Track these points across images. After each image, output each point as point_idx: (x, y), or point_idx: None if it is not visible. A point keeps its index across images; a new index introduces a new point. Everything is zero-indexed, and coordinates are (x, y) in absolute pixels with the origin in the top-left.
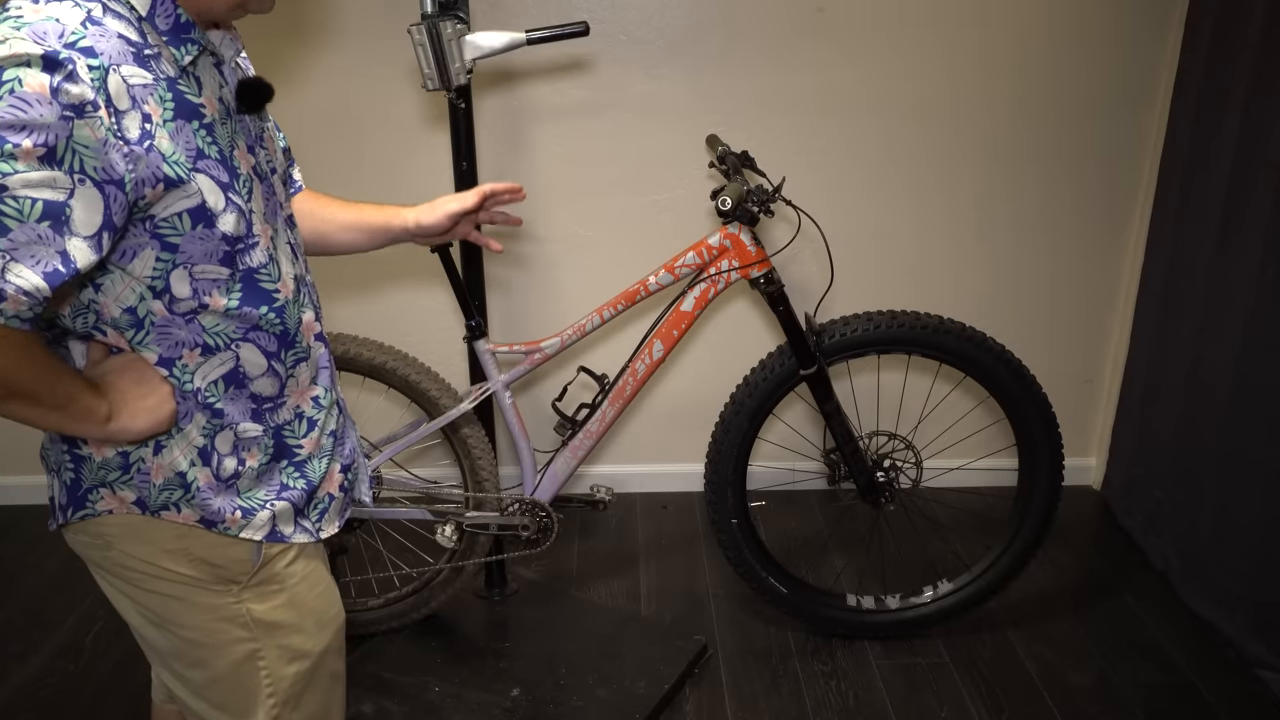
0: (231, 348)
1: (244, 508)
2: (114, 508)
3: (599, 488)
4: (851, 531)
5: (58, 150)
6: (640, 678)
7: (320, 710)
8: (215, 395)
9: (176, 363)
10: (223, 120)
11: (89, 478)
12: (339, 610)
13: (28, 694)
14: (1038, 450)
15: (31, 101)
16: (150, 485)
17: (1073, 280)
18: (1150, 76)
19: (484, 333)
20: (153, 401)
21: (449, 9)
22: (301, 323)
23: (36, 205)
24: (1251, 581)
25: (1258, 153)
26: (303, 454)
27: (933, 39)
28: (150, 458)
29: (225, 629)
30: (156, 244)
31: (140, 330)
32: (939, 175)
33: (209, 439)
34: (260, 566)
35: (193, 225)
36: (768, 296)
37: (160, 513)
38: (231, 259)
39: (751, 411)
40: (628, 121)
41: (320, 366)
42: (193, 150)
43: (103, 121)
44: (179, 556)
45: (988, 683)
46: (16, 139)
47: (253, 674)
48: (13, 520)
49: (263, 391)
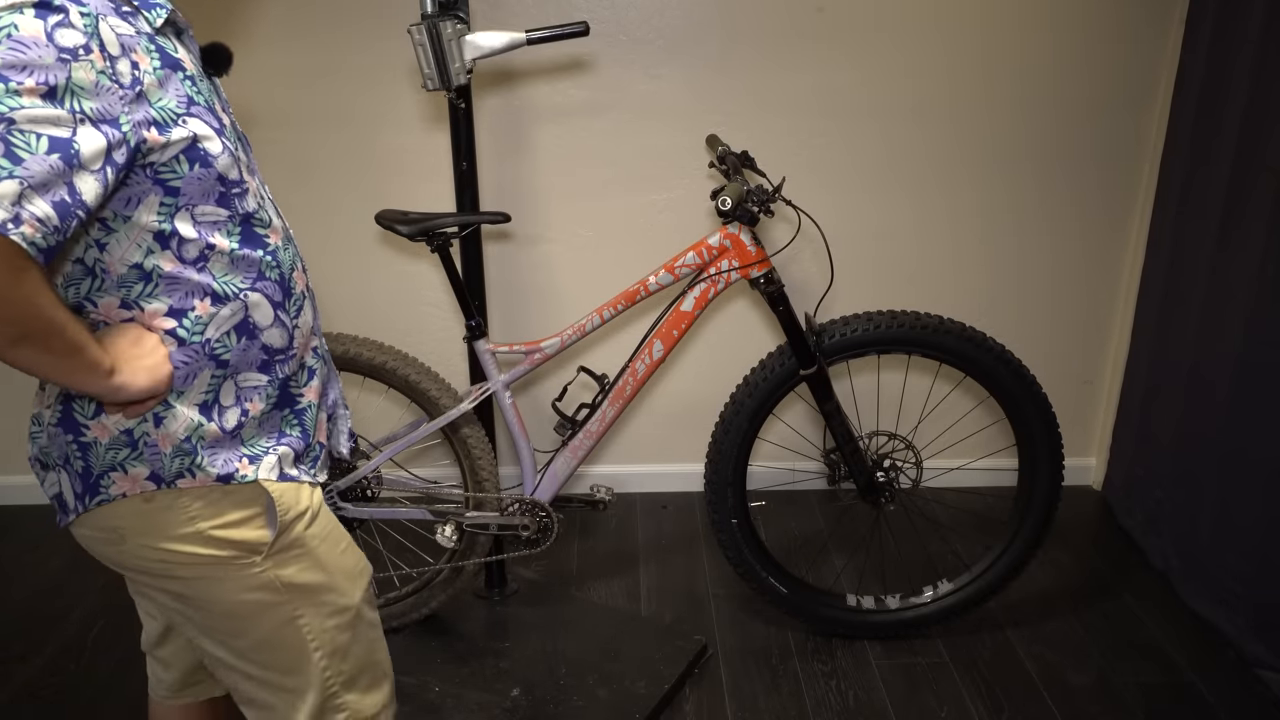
0: (241, 297)
1: (249, 455)
2: (127, 489)
3: (599, 488)
4: (851, 531)
5: (58, 90)
6: (640, 678)
7: (367, 656)
8: (226, 347)
9: (189, 314)
10: (201, 78)
11: (98, 463)
12: (365, 562)
13: (30, 693)
14: (1038, 450)
15: (28, 44)
16: (161, 456)
17: (1073, 280)
18: (1150, 76)
19: (484, 333)
20: (151, 362)
21: (449, 9)
22: (295, 269)
23: (43, 140)
24: (1251, 581)
25: (1258, 152)
26: (303, 402)
27: (933, 39)
28: (153, 430)
29: (258, 596)
30: (159, 189)
31: (149, 283)
32: (939, 175)
33: (213, 392)
34: (279, 535)
35: (190, 166)
36: (768, 296)
37: (176, 482)
38: (228, 200)
39: (751, 411)
40: (628, 121)
41: (315, 316)
42: (184, 98)
43: (95, 65)
44: (193, 540)
45: (988, 683)
46: (18, 78)
47: (296, 634)
48: (13, 520)
49: (272, 343)
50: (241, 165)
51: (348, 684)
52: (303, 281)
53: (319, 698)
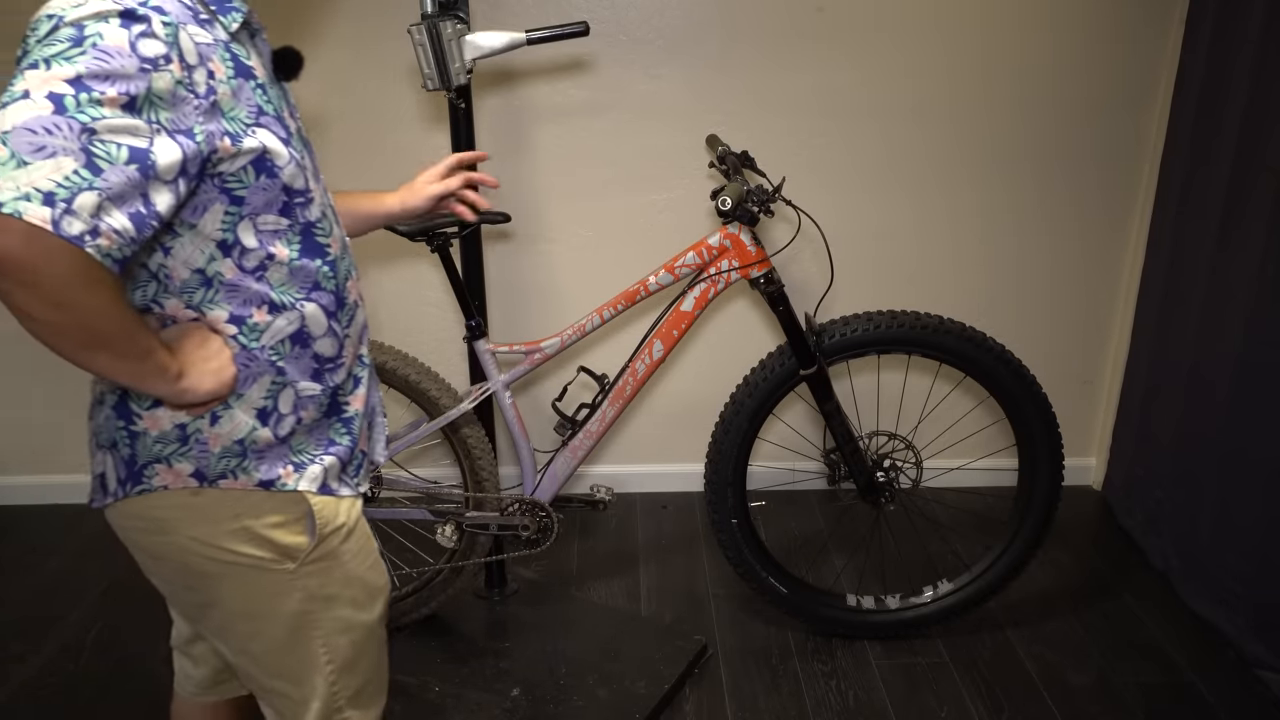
0: (297, 306)
1: (295, 462)
2: (169, 483)
3: (599, 488)
4: (851, 531)
5: (138, 100)
6: (640, 678)
7: (372, 672)
8: (280, 354)
9: (247, 321)
10: (271, 84)
11: (144, 453)
12: (386, 580)
13: (29, 694)
14: (1038, 450)
15: (113, 53)
16: (209, 455)
17: (1073, 280)
18: (1150, 76)
19: (484, 333)
20: (216, 365)
21: (449, 9)
22: (349, 279)
23: (123, 150)
24: (1251, 581)
25: (1258, 152)
26: (350, 410)
27: (933, 39)
28: (208, 428)
29: (282, 602)
30: (225, 198)
31: (210, 289)
32: (939, 175)
33: (272, 398)
34: (317, 544)
35: (256, 176)
36: (768, 296)
37: (219, 481)
38: (290, 209)
39: (751, 411)
40: (628, 121)
41: (363, 327)
42: (254, 107)
43: (174, 75)
44: (239, 536)
45: (988, 683)
46: (101, 88)
47: (310, 644)
48: (13, 520)
49: (324, 352)
50: (307, 173)
51: (353, 699)
52: (355, 291)
53: (323, 710)
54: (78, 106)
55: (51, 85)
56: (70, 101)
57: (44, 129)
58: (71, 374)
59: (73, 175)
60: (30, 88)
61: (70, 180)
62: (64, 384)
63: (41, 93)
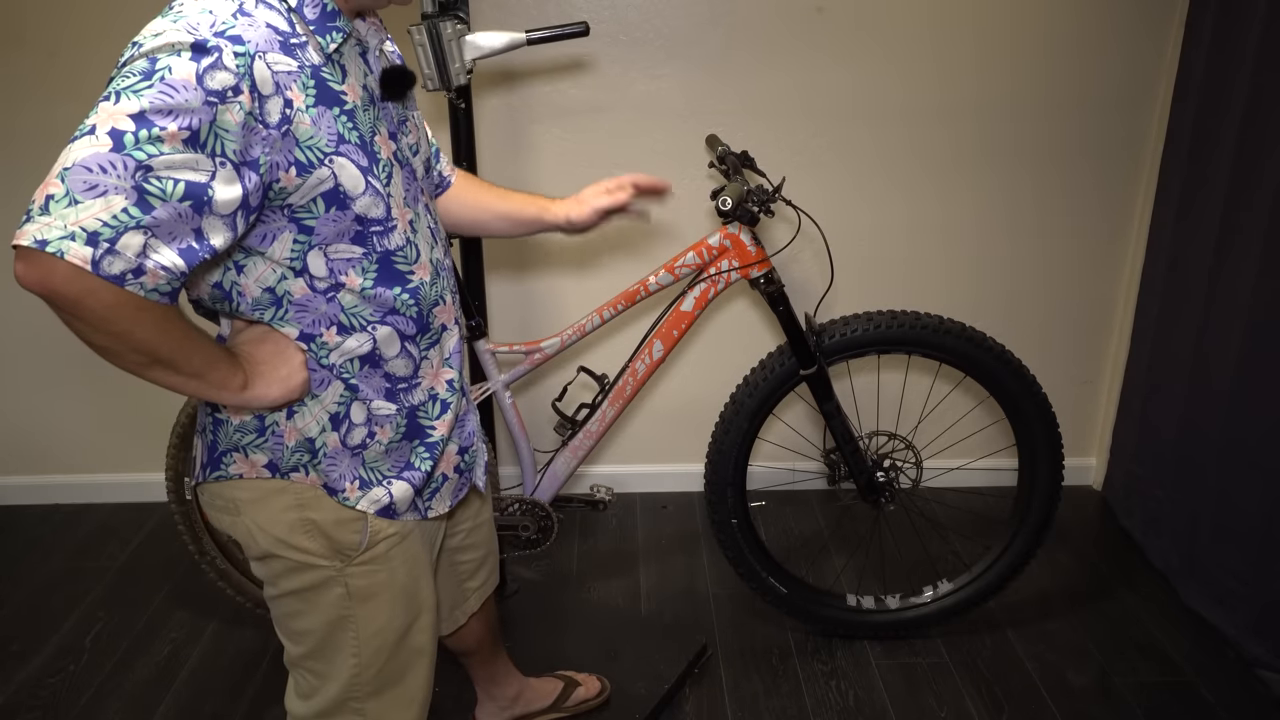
0: (369, 330)
1: (363, 479)
2: (245, 471)
3: (599, 488)
4: (851, 531)
5: (201, 133)
6: (640, 678)
7: (397, 677)
8: (350, 372)
9: (316, 339)
10: (365, 107)
11: (224, 441)
12: (431, 592)
13: (29, 693)
14: (1037, 450)
15: (179, 87)
16: (283, 447)
17: (1073, 280)
18: (1150, 76)
19: (484, 333)
20: (285, 371)
21: (449, 9)
22: (437, 305)
23: (179, 185)
24: (1251, 581)
25: (1258, 152)
26: (435, 435)
27: (933, 39)
28: (284, 421)
29: (324, 593)
30: (294, 227)
31: (279, 309)
32: (939, 175)
33: (344, 406)
34: (368, 547)
35: (326, 208)
36: (768, 296)
37: (290, 474)
38: (364, 238)
39: (751, 411)
40: (628, 121)
41: (453, 350)
42: (334, 135)
43: (244, 106)
44: (298, 527)
45: (988, 683)
46: (163, 123)
47: (342, 635)
48: (13, 520)
49: (396, 372)
50: (389, 201)
51: (374, 693)
52: (445, 315)
53: (340, 693)
54: (135, 144)
55: (115, 121)
56: (129, 139)
57: (99, 167)
58: (72, 374)
59: (121, 214)
60: (98, 123)
61: (118, 219)
62: (65, 384)
63: (105, 129)
